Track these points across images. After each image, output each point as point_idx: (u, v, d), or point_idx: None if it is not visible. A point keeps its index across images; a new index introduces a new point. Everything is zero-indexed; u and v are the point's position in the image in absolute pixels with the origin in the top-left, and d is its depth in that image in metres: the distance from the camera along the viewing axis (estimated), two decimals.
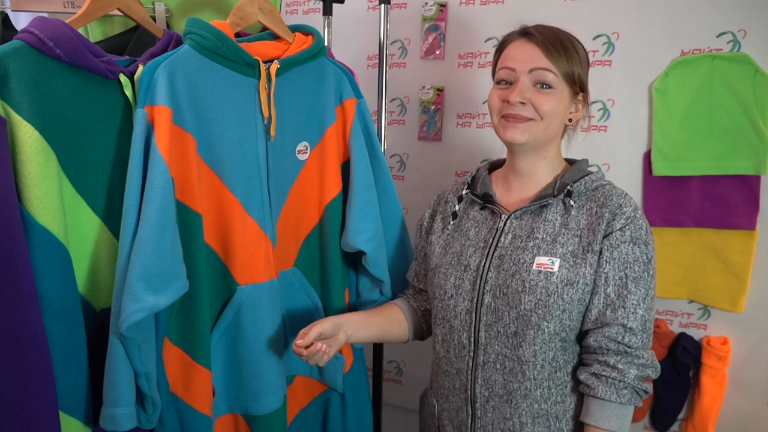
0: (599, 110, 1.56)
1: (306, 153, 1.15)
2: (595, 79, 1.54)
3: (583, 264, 0.95)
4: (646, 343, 0.95)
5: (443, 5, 1.72)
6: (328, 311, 1.22)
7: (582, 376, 0.97)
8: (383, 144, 1.46)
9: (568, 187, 1.00)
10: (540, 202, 1.01)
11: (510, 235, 1.02)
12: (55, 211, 0.86)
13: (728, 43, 1.41)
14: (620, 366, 0.93)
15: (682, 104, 1.46)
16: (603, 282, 0.95)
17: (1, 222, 0.79)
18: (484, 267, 1.02)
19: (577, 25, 1.55)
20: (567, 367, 1.00)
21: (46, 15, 0.93)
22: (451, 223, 1.12)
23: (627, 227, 0.95)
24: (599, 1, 1.52)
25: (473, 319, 1.01)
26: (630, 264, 0.95)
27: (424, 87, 1.78)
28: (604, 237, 0.96)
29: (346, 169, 1.20)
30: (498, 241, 1.02)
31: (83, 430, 0.94)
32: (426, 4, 1.74)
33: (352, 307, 1.29)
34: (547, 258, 0.96)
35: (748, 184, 1.41)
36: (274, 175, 1.10)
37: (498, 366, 1.00)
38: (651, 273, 0.96)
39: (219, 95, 1.00)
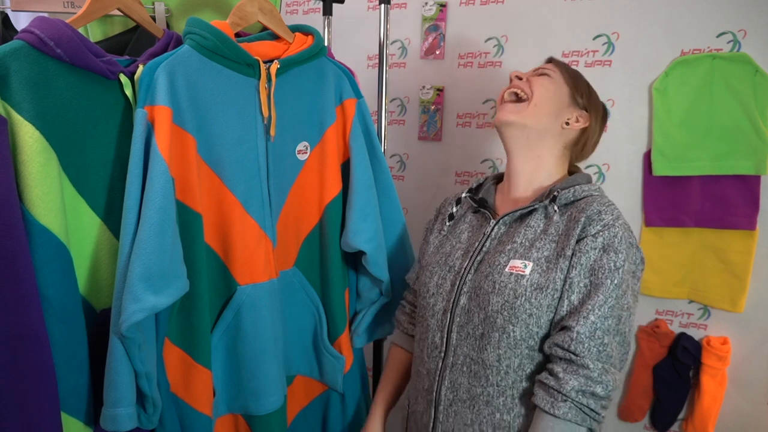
0: None
1: (306, 153, 1.15)
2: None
3: (555, 269, 0.92)
4: (594, 353, 0.87)
5: (443, 5, 1.72)
6: (328, 311, 1.22)
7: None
8: (383, 144, 1.46)
9: (554, 193, 0.98)
10: (526, 208, 1.00)
11: (495, 240, 1.02)
12: (56, 211, 0.86)
13: (728, 43, 1.41)
14: (560, 375, 0.87)
15: (682, 104, 1.46)
16: (568, 287, 0.91)
17: (2, 222, 0.79)
18: (465, 269, 1.02)
19: (577, 25, 1.55)
20: (533, 378, 0.94)
21: (46, 15, 0.93)
22: (447, 224, 1.13)
23: (600, 233, 0.91)
24: (599, 1, 1.52)
25: (447, 320, 1.01)
26: (595, 271, 0.90)
27: (424, 87, 1.78)
28: (577, 242, 0.93)
29: (346, 169, 1.20)
30: (483, 246, 1.02)
31: (84, 431, 0.94)
32: (426, 4, 1.74)
33: (352, 307, 1.29)
34: (521, 261, 0.95)
35: (748, 184, 1.41)
36: (274, 175, 1.10)
37: (465, 369, 0.98)
38: (616, 282, 0.89)
39: (219, 95, 1.01)
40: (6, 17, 1.24)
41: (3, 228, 0.79)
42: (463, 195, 1.13)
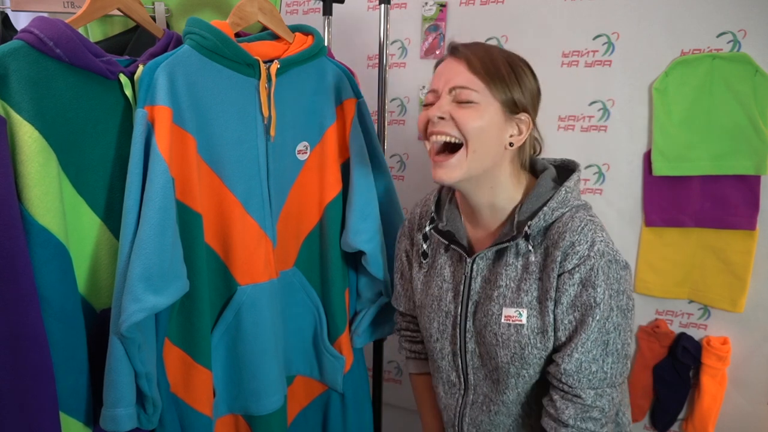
0: (599, 110, 1.56)
1: (306, 153, 1.15)
2: (595, 79, 1.55)
3: (546, 311, 0.90)
4: (585, 383, 0.88)
5: (443, 5, 1.72)
6: (328, 311, 1.22)
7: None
8: (383, 144, 1.46)
9: (526, 229, 0.90)
10: (497, 246, 0.93)
11: (479, 279, 0.97)
12: (55, 211, 0.86)
13: (728, 43, 1.40)
14: (558, 403, 0.90)
15: (682, 104, 1.45)
16: (556, 324, 0.90)
17: (1, 222, 0.79)
18: (461, 315, 0.99)
19: (577, 25, 1.55)
20: None
21: (46, 15, 0.93)
22: (424, 262, 1.06)
23: (577, 269, 0.87)
24: (599, 1, 1.52)
25: (460, 363, 1.01)
26: (577, 307, 0.88)
27: (424, 87, 1.78)
28: (557, 277, 0.89)
29: (346, 169, 1.20)
30: (470, 287, 0.98)
31: (83, 431, 0.94)
32: (426, 4, 1.74)
33: (352, 308, 1.29)
34: (514, 309, 0.92)
35: (748, 184, 1.41)
36: (274, 175, 1.10)
37: (485, 408, 1.00)
38: (597, 318, 0.86)
39: (219, 95, 1.00)
40: (6, 17, 1.24)
41: (2, 228, 0.79)
42: (427, 230, 1.04)
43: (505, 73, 0.89)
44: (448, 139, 0.89)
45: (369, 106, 1.23)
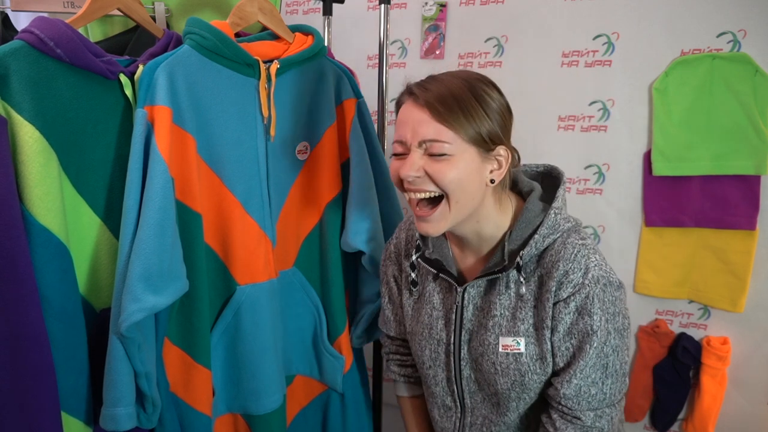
0: (599, 110, 1.56)
1: (306, 153, 1.15)
2: (595, 79, 1.55)
3: (544, 339, 0.89)
4: (584, 405, 0.88)
5: (443, 5, 1.72)
6: (328, 311, 1.22)
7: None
8: (383, 144, 1.46)
9: (518, 260, 0.88)
10: (489, 277, 0.91)
11: (471, 307, 0.95)
12: (56, 211, 0.86)
13: (728, 43, 1.41)
14: (558, 423, 0.90)
15: (682, 104, 1.46)
16: (553, 351, 0.90)
17: (2, 222, 0.79)
18: (454, 344, 0.97)
19: (577, 25, 1.55)
20: None
21: (46, 15, 0.93)
22: (414, 290, 1.03)
23: (572, 298, 0.86)
24: (599, 1, 1.52)
25: (455, 388, 1.00)
26: (574, 335, 0.87)
27: None
28: (552, 306, 0.88)
29: (345, 169, 1.20)
30: (462, 316, 0.95)
31: (84, 430, 0.94)
32: (426, 4, 1.74)
33: (352, 308, 1.29)
34: (512, 339, 0.90)
35: (748, 184, 1.41)
36: (273, 175, 1.10)
37: (485, 429, 0.99)
38: (594, 345, 0.85)
39: (219, 95, 1.01)
40: (6, 17, 1.24)
41: (3, 228, 0.79)
42: (414, 259, 1.00)
43: (471, 110, 0.83)
44: (427, 195, 0.86)
45: (369, 106, 1.23)
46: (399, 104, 0.90)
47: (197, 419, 1.04)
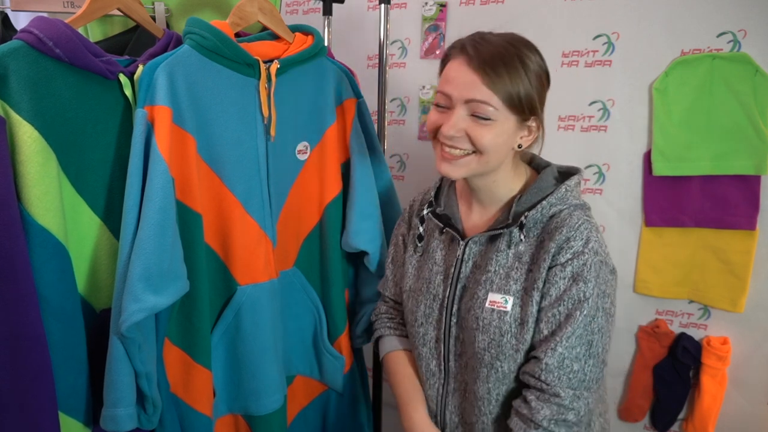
0: (599, 110, 1.56)
1: (306, 153, 1.15)
2: (595, 79, 1.55)
3: (531, 302, 0.90)
4: (565, 381, 0.87)
5: (443, 5, 1.72)
6: (328, 311, 1.22)
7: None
8: (383, 144, 1.46)
9: (522, 219, 0.92)
10: (492, 231, 0.95)
11: (470, 263, 0.97)
12: (55, 211, 0.86)
13: (728, 43, 1.40)
14: (533, 404, 0.88)
15: (682, 104, 1.45)
16: (539, 316, 0.90)
17: (0, 222, 0.79)
18: (449, 298, 0.99)
19: (577, 25, 1.55)
20: None
21: (46, 15, 0.93)
22: (419, 245, 1.07)
23: (570, 263, 0.88)
24: (599, 1, 1.52)
25: (442, 349, 1.00)
26: (564, 301, 0.88)
27: (424, 87, 1.78)
28: (548, 270, 0.89)
29: (346, 169, 1.20)
30: (460, 270, 0.98)
31: (83, 431, 0.94)
32: (426, 4, 1.74)
33: (352, 308, 1.29)
34: (501, 296, 0.92)
35: (748, 184, 1.41)
36: (274, 175, 1.10)
37: (466, 395, 0.99)
38: (585, 313, 0.87)
39: (219, 95, 1.00)
40: (6, 17, 1.24)
41: (1, 228, 0.79)
42: (425, 213, 1.05)
43: (518, 80, 0.87)
44: (461, 152, 0.91)
45: (369, 106, 1.23)
46: (447, 57, 0.93)
47: (198, 420, 1.04)
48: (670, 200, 1.50)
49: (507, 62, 0.87)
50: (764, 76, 1.37)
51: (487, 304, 0.92)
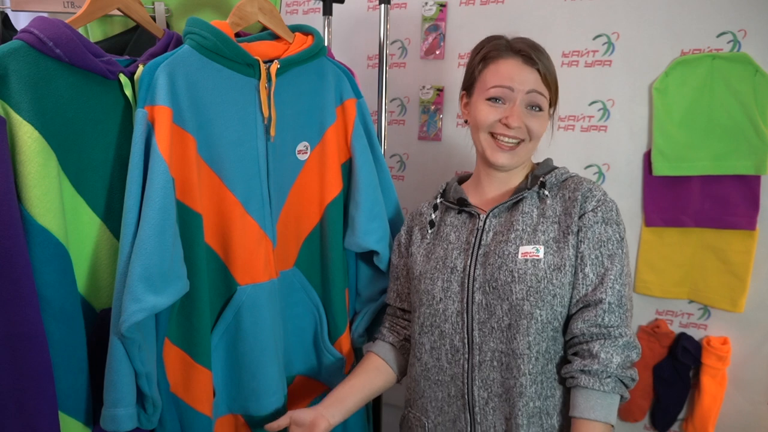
0: (599, 110, 1.56)
1: (306, 153, 1.15)
2: (595, 79, 1.55)
3: (566, 247, 0.97)
4: (624, 320, 0.95)
5: (443, 5, 1.72)
6: (329, 311, 1.22)
7: (566, 368, 0.96)
8: (383, 144, 1.46)
9: (541, 179, 1.03)
10: (515, 197, 1.03)
11: (491, 233, 1.03)
12: (55, 211, 0.86)
13: (728, 43, 1.40)
14: (602, 355, 0.93)
15: (682, 104, 1.45)
16: (580, 262, 0.97)
17: (0, 222, 0.79)
18: (470, 266, 1.02)
19: (577, 25, 1.55)
20: (556, 359, 1.00)
21: (46, 15, 0.93)
22: (430, 231, 1.12)
23: (598, 208, 0.98)
24: (599, 1, 1.52)
25: (465, 320, 1.01)
26: (604, 242, 0.97)
27: (424, 87, 1.78)
28: (579, 218, 0.98)
29: (346, 169, 1.20)
30: (481, 240, 1.03)
31: (83, 431, 0.94)
32: (426, 4, 1.74)
33: (352, 308, 1.29)
34: (531, 246, 0.98)
35: (748, 184, 1.41)
36: (274, 175, 1.10)
37: (495, 363, 0.99)
38: (624, 251, 0.98)
39: (219, 95, 1.00)
40: (6, 17, 1.24)
41: (1, 228, 0.79)
42: (438, 201, 1.13)
43: (554, 72, 1.04)
44: (515, 141, 1.03)
45: (369, 106, 1.23)
46: (496, 57, 1.04)
47: (197, 420, 1.04)
48: (670, 200, 1.50)
49: (549, 60, 1.04)
50: (764, 76, 1.37)
51: (519, 256, 0.97)
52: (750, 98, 1.38)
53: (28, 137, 0.83)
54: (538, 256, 0.97)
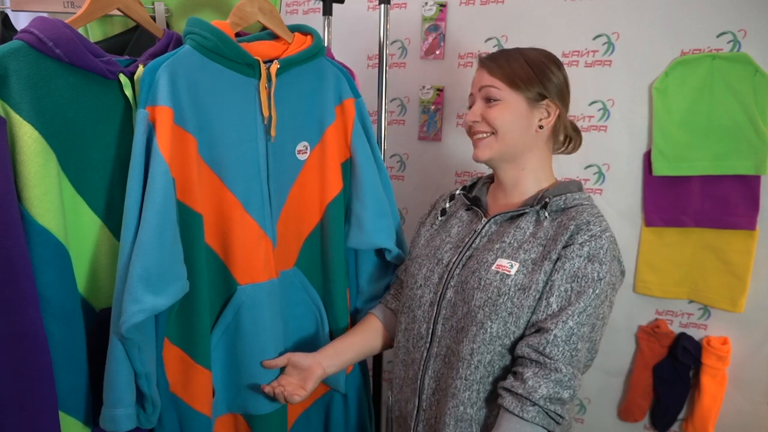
0: (599, 110, 1.56)
1: (306, 153, 1.15)
2: (595, 79, 1.55)
3: (539, 271, 0.94)
4: (567, 358, 0.89)
5: (443, 5, 1.72)
6: (330, 311, 1.22)
7: (500, 383, 0.94)
8: (383, 144, 1.46)
9: (546, 200, 1.01)
10: (518, 211, 1.03)
11: (485, 238, 1.05)
12: (55, 211, 0.86)
13: (728, 43, 1.41)
14: (530, 381, 0.88)
15: (682, 104, 1.46)
16: (548, 289, 0.93)
17: (0, 222, 0.79)
18: (453, 263, 1.04)
19: (577, 25, 1.55)
20: (500, 373, 0.97)
21: (46, 15, 0.93)
22: (440, 219, 1.15)
23: (587, 243, 0.94)
24: (599, 1, 1.52)
25: (434, 312, 1.04)
26: (579, 278, 0.92)
27: (424, 87, 1.78)
28: (563, 247, 0.95)
29: (346, 168, 1.20)
30: (473, 242, 1.05)
31: (83, 430, 0.94)
32: (426, 4, 1.74)
33: (353, 307, 1.29)
34: (508, 261, 0.97)
35: (748, 184, 1.41)
36: (274, 175, 1.10)
37: (445, 360, 1.02)
38: (597, 292, 0.92)
39: (219, 95, 1.00)
40: (6, 17, 1.24)
41: (1, 228, 0.79)
42: (457, 192, 1.16)
43: (523, 73, 1.02)
44: (483, 135, 1.05)
45: (369, 106, 1.23)
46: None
47: (197, 419, 1.04)
48: (670, 200, 1.50)
49: (506, 54, 1.06)
50: (764, 76, 1.37)
51: (493, 267, 0.98)
52: (750, 98, 1.38)
53: (28, 137, 0.83)
54: (509, 271, 0.96)
